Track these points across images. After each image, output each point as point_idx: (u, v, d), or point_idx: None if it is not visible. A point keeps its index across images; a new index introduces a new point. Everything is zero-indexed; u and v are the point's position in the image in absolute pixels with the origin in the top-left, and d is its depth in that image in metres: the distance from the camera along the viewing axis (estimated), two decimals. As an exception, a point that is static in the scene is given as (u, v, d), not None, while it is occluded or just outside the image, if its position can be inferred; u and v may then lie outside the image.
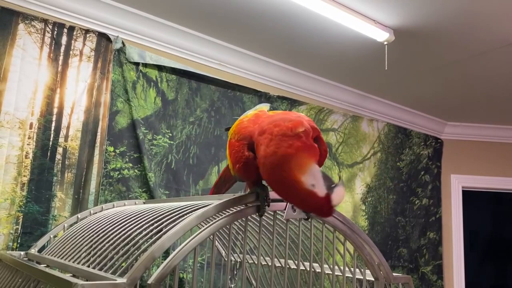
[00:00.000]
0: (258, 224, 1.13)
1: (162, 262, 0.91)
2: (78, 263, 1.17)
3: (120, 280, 0.84)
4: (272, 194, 1.07)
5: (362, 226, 3.37)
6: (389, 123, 3.68)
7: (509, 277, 4.36)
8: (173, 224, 1.05)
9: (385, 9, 2.23)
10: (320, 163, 1.09)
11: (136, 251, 1.06)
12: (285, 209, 1.10)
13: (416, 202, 3.74)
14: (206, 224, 1.00)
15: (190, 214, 1.04)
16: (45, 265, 1.30)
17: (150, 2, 2.31)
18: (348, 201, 3.32)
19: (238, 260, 1.92)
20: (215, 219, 1.01)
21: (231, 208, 1.04)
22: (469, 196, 3.97)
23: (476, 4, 2.17)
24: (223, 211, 1.03)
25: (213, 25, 2.51)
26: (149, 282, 0.87)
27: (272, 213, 1.12)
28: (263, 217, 1.14)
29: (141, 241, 1.10)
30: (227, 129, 1.40)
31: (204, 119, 2.64)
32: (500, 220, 4.36)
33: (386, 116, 3.66)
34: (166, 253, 0.98)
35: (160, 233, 1.05)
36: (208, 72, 2.69)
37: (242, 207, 1.05)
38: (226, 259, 1.88)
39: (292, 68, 3.04)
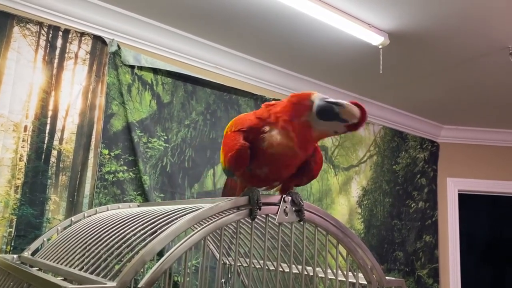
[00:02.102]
0: (249, 232, 1.13)
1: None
2: (70, 266, 1.17)
3: (110, 284, 0.83)
4: (263, 198, 1.07)
5: (358, 229, 3.38)
6: (385, 127, 3.68)
7: (506, 280, 4.36)
8: (164, 228, 1.05)
9: (380, 13, 2.24)
10: (314, 173, 1.17)
11: (129, 253, 1.06)
12: (277, 213, 1.10)
13: (412, 205, 3.74)
14: (198, 227, 1.00)
15: (182, 217, 1.04)
16: (37, 268, 1.30)
17: (146, 5, 2.31)
18: (344, 204, 3.32)
19: (233, 263, 1.91)
20: (208, 222, 1.01)
21: (223, 212, 1.04)
22: (465, 199, 3.98)
23: (471, 9, 2.18)
24: (215, 215, 1.03)
25: (209, 28, 2.51)
26: (139, 285, 0.87)
27: (265, 217, 1.12)
28: (257, 220, 1.14)
29: (134, 243, 1.10)
30: None
31: (199, 122, 2.64)
32: (496, 223, 4.36)
33: (382, 119, 3.66)
34: (161, 256, 0.98)
35: (152, 236, 1.05)
36: (204, 75, 2.69)
37: (235, 211, 1.05)
38: (221, 262, 1.88)
39: (288, 72, 3.05)
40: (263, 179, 1.16)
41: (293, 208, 1.12)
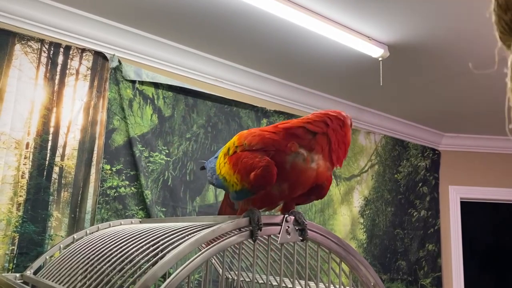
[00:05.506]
0: (252, 249, 1.12)
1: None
2: (73, 288, 1.17)
3: (113, 311, 0.84)
4: (265, 218, 1.07)
5: (360, 239, 3.37)
6: (386, 135, 3.68)
7: (509, 287, 4.34)
8: (167, 250, 1.05)
9: (380, 26, 2.25)
10: (325, 191, 1.18)
11: (131, 276, 1.06)
12: (279, 233, 1.10)
13: (415, 214, 3.73)
14: (201, 248, 1.00)
15: (184, 239, 1.04)
16: (40, 289, 1.30)
17: (146, 20, 2.32)
18: (346, 215, 3.32)
19: (235, 278, 1.91)
20: (210, 243, 1.01)
21: (225, 234, 1.04)
22: (467, 207, 3.97)
23: (469, 21, 2.18)
24: (217, 237, 1.03)
25: (210, 42, 2.52)
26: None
27: (267, 237, 1.12)
28: (258, 241, 1.13)
29: (138, 264, 1.10)
30: (202, 168, 1.46)
31: (200, 135, 2.64)
32: (498, 230, 4.35)
33: (383, 128, 3.67)
34: (164, 276, 0.98)
35: (155, 258, 1.05)
36: (205, 88, 2.70)
37: (236, 232, 1.05)
38: (224, 277, 1.88)
39: (288, 83, 3.06)
40: (272, 198, 1.13)
41: (296, 228, 1.12)
